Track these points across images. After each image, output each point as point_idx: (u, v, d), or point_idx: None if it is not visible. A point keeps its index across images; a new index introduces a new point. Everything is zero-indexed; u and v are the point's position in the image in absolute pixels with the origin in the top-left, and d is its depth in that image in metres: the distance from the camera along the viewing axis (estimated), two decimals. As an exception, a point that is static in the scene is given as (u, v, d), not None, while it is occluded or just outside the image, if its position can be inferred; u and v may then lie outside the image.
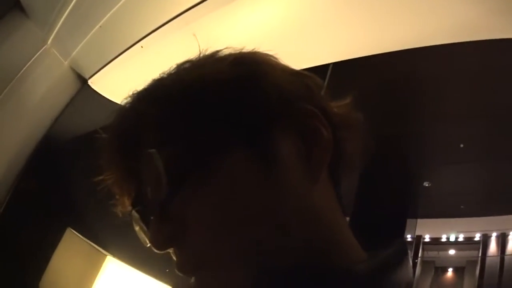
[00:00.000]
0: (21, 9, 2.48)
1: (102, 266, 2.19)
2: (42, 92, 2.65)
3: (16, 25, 2.50)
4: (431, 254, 9.40)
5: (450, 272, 9.30)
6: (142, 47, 2.03)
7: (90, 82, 2.68)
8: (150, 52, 2.06)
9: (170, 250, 0.46)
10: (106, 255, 2.25)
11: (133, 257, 2.43)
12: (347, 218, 0.50)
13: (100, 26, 2.19)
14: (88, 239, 2.56)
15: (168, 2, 1.78)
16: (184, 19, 1.78)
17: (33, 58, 2.57)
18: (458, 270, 9.17)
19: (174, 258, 0.46)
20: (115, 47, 2.21)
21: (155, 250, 0.45)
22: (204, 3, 1.63)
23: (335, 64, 2.02)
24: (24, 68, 2.53)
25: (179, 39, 1.92)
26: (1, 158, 2.44)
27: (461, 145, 6.53)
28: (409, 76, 5.30)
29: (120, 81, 2.45)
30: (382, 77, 5.03)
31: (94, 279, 2.15)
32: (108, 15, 2.03)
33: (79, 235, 2.63)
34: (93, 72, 2.56)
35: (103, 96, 2.71)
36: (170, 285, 2.34)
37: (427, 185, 7.53)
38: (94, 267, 2.21)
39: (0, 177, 2.44)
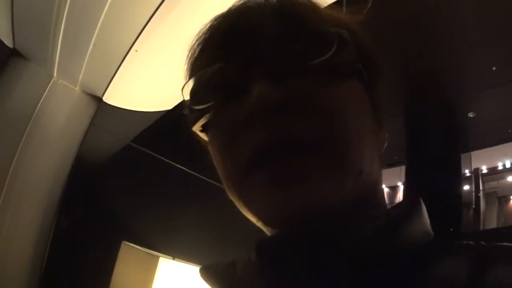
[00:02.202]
0: (19, 55, 2.58)
1: (157, 267, 2.26)
2: (62, 121, 2.74)
3: (20, 70, 2.61)
4: (492, 184, 9.12)
5: (512, 200, 9.04)
6: (136, 50, 2.07)
7: (104, 99, 2.75)
8: (146, 53, 2.10)
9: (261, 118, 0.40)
10: (159, 257, 2.32)
11: (187, 254, 2.50)
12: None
13: (94, 44, 2.25)
14: (142, 246, 2.65)
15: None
16: (167, 5, 1.80)
17: (45, 94, 2.67)
18: (520, 197, 8.92)
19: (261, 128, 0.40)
20: (114, 58, 2.27)
21: (259, 107, 0.39)
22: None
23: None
24: (39, 106, 2.64)
25: (169, 31, 1.95)
26: (38, 193, 2.54)
27: (493, 68, 6.32)
28: (427, 10, 5.20)
29: (130, 89, 2.51)
30: (400, 15, 4.96)
31: (153, 281, 2.23)
32: (96, 31, 2.08)
33: (134, 245, 2.72)
34: (104, 89, 2.63)
35: (121, 108, 2.78)
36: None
37: (471, 115, 7.33)
38: (150, 270, 2.29)
39: (42, 211, 2.55)
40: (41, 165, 2.62)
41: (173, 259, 2.53)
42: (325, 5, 0.52)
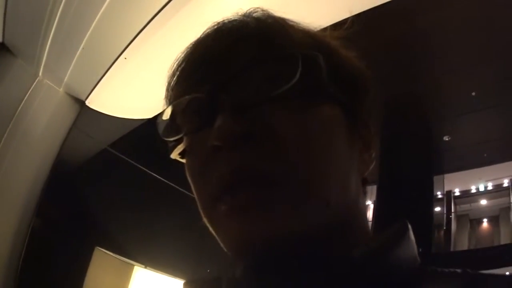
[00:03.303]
0: (7, 50, 2.54)
1: (132, 276, 2.24)
2: (44, 122, 2.71)
3: (6, 66, 2.56)
4: (464, 207, 9.29)
5: (485, 223, 9.19)
6: (125, 58, 2.07)
7: (87, 102, 2.73)
8: (134, 61, 2.09)
9: (223, 147, 0.40)
10: (133, 265, 2.30)
11: (161, 264, 2.48)
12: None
13: (83, 48, 2.23)
14: (116, 253, 2.63)
15: (139, 9, 1.80)
16: (160, 19, 1.81)
17: (29, 92, 2.63)
18: (492, 220, 9.06)
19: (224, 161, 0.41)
20: (102, 64, 2.25)
21: (219, 139, 0.40)
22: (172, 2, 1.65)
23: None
24: (22, 103, 2.60)
25: (160, 42, 1.96)
26: (17, 192, 2.50)
27: (473, 93, 6.45)
28: (411, 32, 5.29)
29: (115, 95, 2.50)
30: (386, 34, 5.01)
31: (127, 289, 2.21)
32: (87, 35, 2.07)
33: (107, 251, 2.70)
34: (88, 93, 2.61)
35: (103, 113, 2.76)
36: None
37: (447, 139, 7.46)
38: (124, 278, 2.27)
39: (20, 211, 2.51)
40: (20, 165, 2.58)
41: (145, 267, 2.51)
42: (319, 28, 0.52)
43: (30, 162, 2.65)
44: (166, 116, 0.47)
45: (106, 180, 3.14)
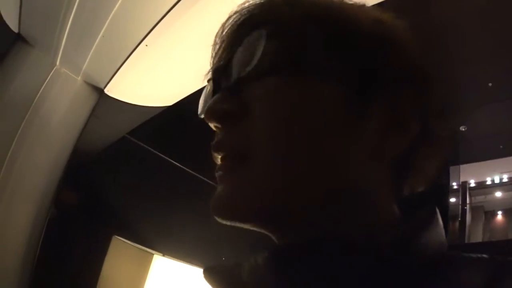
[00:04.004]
0: (24, 41, 2.54)
1: (151, 265, 2.24)
2: (62, 110, 2.71)
3: (23, 56, 2.56)
4: (479, 199, 9.20)
5: (500, 216, 9.11)
6: (147, 45, 2.05)
7: (106, 90, 2.73)
8: (155, 48, 2.08)
9: (217, 126, 0.46)
10: (153, 254, 2.30)
11: (179, 252, 2.48)
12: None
13: (103, 36, 2.22)
14: (134, 242, 2.63)
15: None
16: (183, 5, 1.78)
17: (46, 82, 2.63)
18: (507, 212, 8.98)
19: (216, 137, 0.46)
20: (122, 51, 2.24)
21: (207, 119, 0.46)
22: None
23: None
24: (39, 93, 2.60)
25: (182, 29, 1.94)
26: (35, 182, 2.51)
27: (490, 84, 6.37)
28: (427, 21, 5.21)
29: (134, 83, 2.49)
30: (410, 19, 4.94)
31: (145, 279, 2.21)
32: (107, 23, 2.05)
33: (125, 240, 2.70)
34: (107, 81, 2.60)
35: (122, 101, 2.76)
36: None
37: (463, 129, 7.37)
38: (143, 268, 2.27)
39: (38, 200, 2.52)
40: (38, 155, 2.58)
41: (163, 255, 2.51)
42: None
43: (48, 151, 2.66)
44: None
45: (125, 168, 3.14)
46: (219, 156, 0.45)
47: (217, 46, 0.50)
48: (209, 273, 0.48)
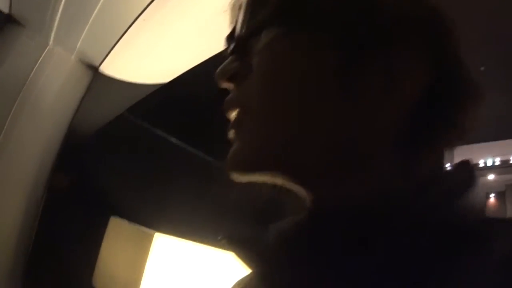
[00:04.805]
0: (15, 21, 2.47)
1: (151, 245, 2.21)
2: (55, 90, 2.66)
3: (14, 38, 2.50)
4: (472, 181, 9.34)
5: (492, 198, 9.25)
6: (144, 20, 2.00)
7: (101, 69, 2.67)
8: (153, 23, 2.03)
9: (229, 86, 0.48)
10: (153, 234, 2.27)
11: (181, 230, 2.45)
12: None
13: (98, 11, 2.17)
14: (133, 221, 2.60)
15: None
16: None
17: (39, 61, 2.58)
18: (499, 195, 9.12)
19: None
20: (118, 27, 2.19)
21: (218, 81, 0.48)
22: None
23: None
24: (32, 73, 2.55)
25: (180, 5, 1.89)
26: (29, 163, 2.47)
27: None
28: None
29: (131, 60, 2.45)
30: None
31: (146, 259, 2.18)
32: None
33: (123, 220, 2.67)
34: (102, 58, 2.55)
35: (118, 79, 2.70)
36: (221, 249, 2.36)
37: (482, 69, 7.35)
38: (144, 248, 2.24)
39: (32, 181, 2.48)
40: (32, 135, 2.54)
41: (164, 234, 2.48)
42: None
43: (42, 132, 2.61)
44: None
45: (121, 147, 3.09)
46: (232, 115, 0.47)
47: (228, 13, 0.53)
48: (230, 240, 0.49)
